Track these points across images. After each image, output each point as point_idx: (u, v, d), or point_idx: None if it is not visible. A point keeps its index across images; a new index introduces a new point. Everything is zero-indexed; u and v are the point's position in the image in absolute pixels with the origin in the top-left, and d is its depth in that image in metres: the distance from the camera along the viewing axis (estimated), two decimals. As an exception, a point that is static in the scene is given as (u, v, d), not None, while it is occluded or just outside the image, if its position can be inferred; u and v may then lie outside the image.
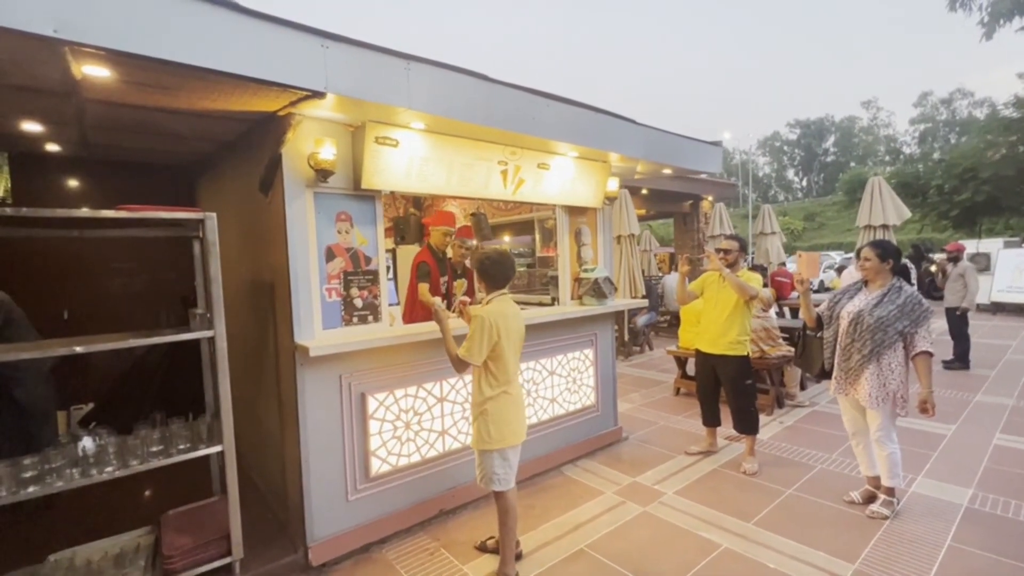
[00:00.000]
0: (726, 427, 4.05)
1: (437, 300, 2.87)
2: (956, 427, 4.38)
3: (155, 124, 2.79)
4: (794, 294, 7.93)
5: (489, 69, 2.69)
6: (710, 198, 12.17)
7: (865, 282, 3.07)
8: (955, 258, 6.50)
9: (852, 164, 52.37)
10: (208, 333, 2.40)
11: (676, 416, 5.01)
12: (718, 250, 3.75)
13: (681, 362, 5.87)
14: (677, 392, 5.81)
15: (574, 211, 4.00)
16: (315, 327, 2.66)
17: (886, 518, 2.93)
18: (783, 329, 5.53)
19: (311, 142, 2.57)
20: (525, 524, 3.03)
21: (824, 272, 17.96)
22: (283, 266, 2.61)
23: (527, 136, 2.97)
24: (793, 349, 5.32)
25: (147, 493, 3.40)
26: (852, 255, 13.34)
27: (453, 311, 3.72)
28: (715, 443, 4.06)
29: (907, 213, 7.07)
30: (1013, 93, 14.91)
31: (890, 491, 3.00)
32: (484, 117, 2.66)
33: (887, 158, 53.98)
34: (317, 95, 2.13)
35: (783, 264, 9.89)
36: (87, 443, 2.20)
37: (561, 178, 3.59)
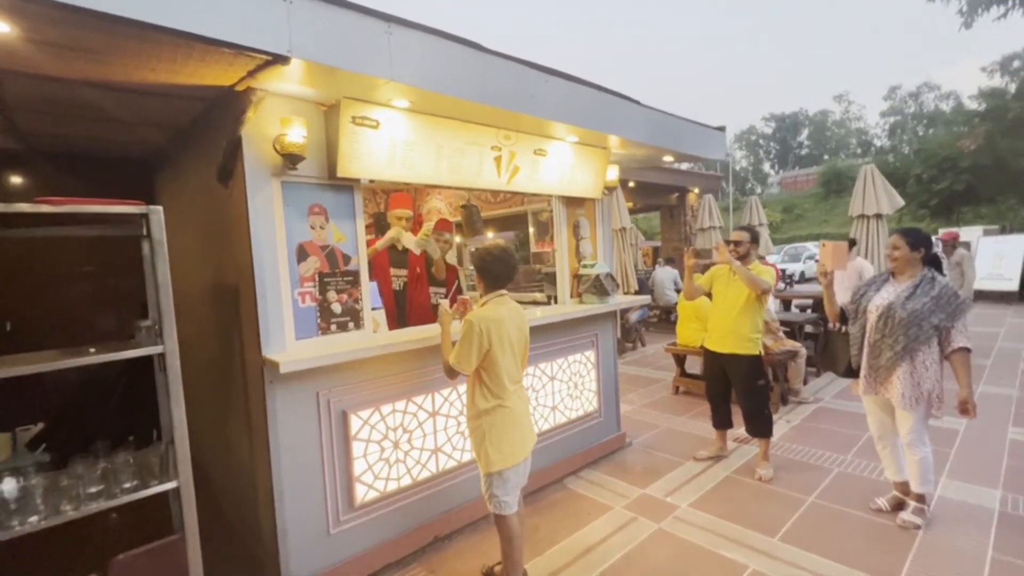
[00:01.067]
0: (733, 428, 3.82)
1: (444, 303, 2.53)
2: (967, 421, 4.23)
3: (89, 105, 2.38)
4: (780, 285, 7.80)
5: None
6: (696, 190, 12.04)
7: (892, 273, 2.83)
8: (952, 246, 6.41)
9: (826, 157, 53.46)
10: (156, 349, 2.02)
11: (679, 417, 4.77)
12: (728, 242, 3.50)
13: (680, 359, 5.63)
14: (676, 391, 5.58)
15: (572, 202, 3.69)
16: (286, 338, 2.30)
17: (918, 527, 2.71)
18: (783, 323, 5.34)
19: (276, 123, 2.21)
20: (530, 549, 2.72)
21: (804, 263, 18.18)
22: (247, 267, 2.25)
23: (525, 117, 2.64)
24: (795, 343, 5.14)
25: (92, 533, 2.99)
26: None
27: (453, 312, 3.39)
28: (725, 447, 3.82)
29: (900, 202, 6.96)
30: (977, 86, 15.17)
31: (921, 498, 2.78)
32: (478, 93, 2.32)
33: (859, 151, 55.26)
34: (280, 60, 1.77)
35: (762, 257, 9.80)
36: (6, 487, 1.81)
37: (559, 166, 3.28)
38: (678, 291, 8.99)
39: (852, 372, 2.92)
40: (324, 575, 2.38)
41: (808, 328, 6.10)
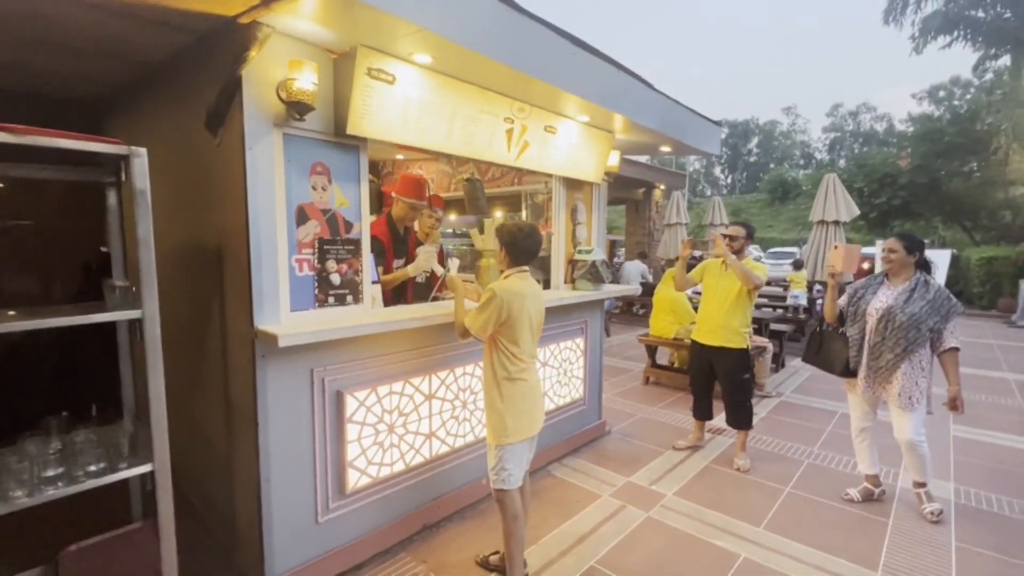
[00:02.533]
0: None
1: (453, 273, 2.43)
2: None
3: (40, 23, 2.01)
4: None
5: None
6: (662, 186, 12.27)
7: (886, 275, 2.93)
8: None
9: (771, 165, 56.26)
10: (133, 314, 1.75)
11: (652, 407, 4.84)
12: (724, 236, 3.52)
13: (651, 350, 5.72)
14: (647, 381, 5.67)
15: (571, 185, 3.59)
16: (281, 309, 2.07)
17: (942, 511, 2.87)
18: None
19: (282, 66, 1.96)
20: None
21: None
22: (239, 229, 1.99)
23: (545, 88, 2.50)
24: (763, 339, 5.34)
25: (34, 522, 2.64)
26: (800, 249, 14.16)
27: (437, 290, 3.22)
28: (702, 437, 3.90)
29: (856, 211, 7.37)
30: (908, 110, 16.36)
31: (923, 485, 2.95)
32: (509, 56, 2.15)
33: (801, 161, 58.57)
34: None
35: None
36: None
37: (566, 145, 3.17)
38: (643, 284, 9.16)
39: (849, 372, 2.99)
40: (310, 566, 2.20)
41: (773, 326, 6.37)
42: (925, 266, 2.87)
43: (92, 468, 1.73)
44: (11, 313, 1.65)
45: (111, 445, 1.86)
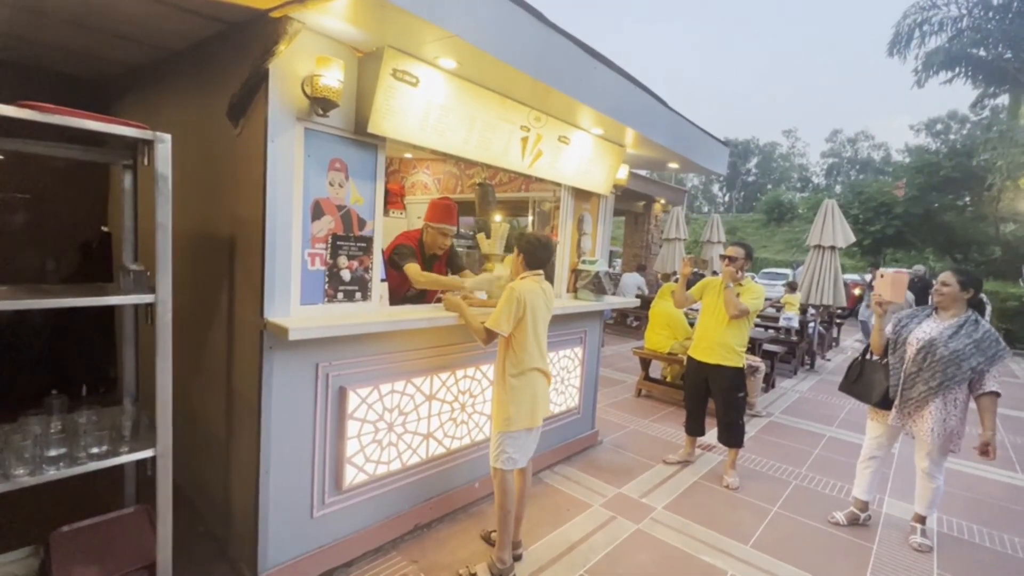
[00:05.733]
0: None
1: (448, 295, 2.60)
2: (899, 445, 4.61)
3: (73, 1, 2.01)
4: None
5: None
6: (663, 201, 12.37)
7: (936, 308, 2.88)
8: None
9: (769, 186, 56.86)
10: (146, 298, 1.75)
11: (644, 420, 4.88)
12: (723, 257, 3.58)
13: (645, 363, 5.76)
14: (639, 393, 5.71)
15: (580, 196, 3.63)
16: (291, 302, 2.08)
17: (931, 548, 2.90)
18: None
19: (309, 61, 1.98)
20: (514, 543, 2.67)
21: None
22: (255, 219, 2.00)
23: (564, 99, 2.53)
24: (756, 359, 5.40)
25: (25, 502, 2.61)
26: (794, 271, 14.36)
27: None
28: (693, 452, 3.94)
29: (852, 237, 7.47)
30: (905, 141, 16.72)
31: (923, 519, 2.98)
32: (533, 66, 2.18)
33: (799, 184, 59.24)
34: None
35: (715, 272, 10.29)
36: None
37: (579, 156, 3.20)
38: (639, 297, 9.22)
39: (887, 403, 2.92)
40: (301, 561, 2.20)
41: (765, 346, 6.44)
42: (979, 305, 2.80)
43: (95, 450, 1.73)
44: (8, 289, 1.65)
45: (112, 428, 1.86)
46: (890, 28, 16.46)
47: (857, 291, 10.09)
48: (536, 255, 2.39)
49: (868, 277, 11.51)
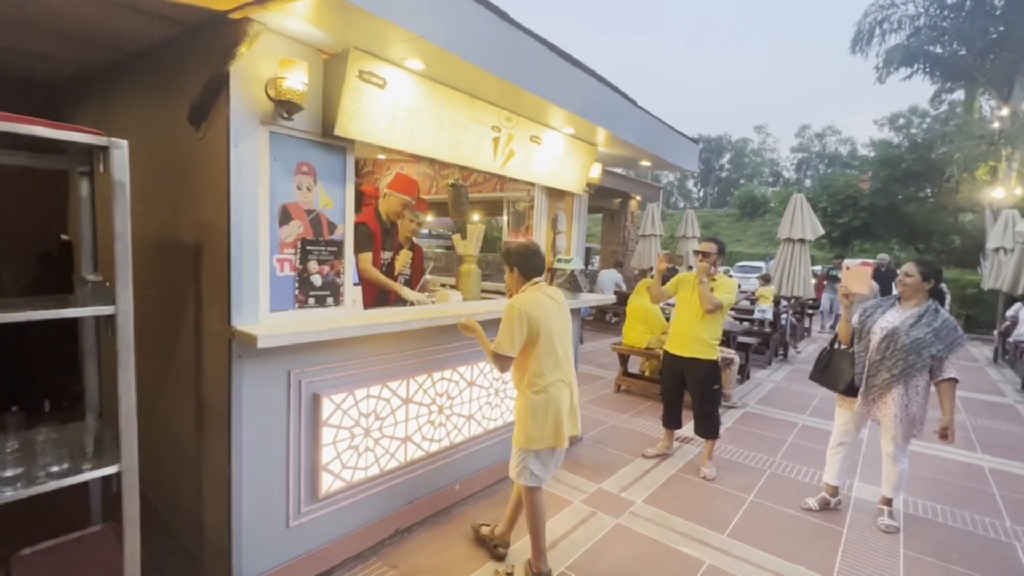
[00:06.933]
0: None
1: (464, 318, 2.49)
2: (866, 431, 4.77)
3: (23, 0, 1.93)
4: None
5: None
6: (638, 197, 12.51)
7: (899, 298, 2.98)
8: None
9: (742, 181, 58.11)
10: (106, 309, 1.69)
11: (623, 415, 4.93)
12: (696, 252, 3.64)
13: (623, 358, 5.83)
14: (618, 389, 5.77)
15: (554, 195, 3.65)
16: (260, 309, 2.04)
17: (897, 529, 2.99)
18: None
19: (272, 63, 1.94)
20: (496, 543, 2.68)
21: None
22: (220, 226, 1.96)
23: (533, 99, 2.54)
24: (730, 351, 5.51)
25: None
26: (767, 264, 14.75)
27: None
28: (671, 445, 4.01)
29: (820, 230, 7.69)
30: (869, 135, 17.35)
31: (889, 502, 3.08)
32: (500, 67, 2.18)
33: (770, 179, 60.69)
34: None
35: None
36: None
37: (551, 156, 3.22)
38: (617, 293, 9.32)
39: (852, 390, 3.03)
40: (279, 572, 2.16)
41: (740, 338, 6.58)
42: (939, 295, 2.91)
43: (54, 469, 1.66)
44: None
45: (74, 445, 1.80)
46: (852, 26, 17.02)
47: (812, 281, 10.46)
48: (530, 263, 2.34)
49: (819, 269, 11.85)
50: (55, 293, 1.98)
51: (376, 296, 3.33)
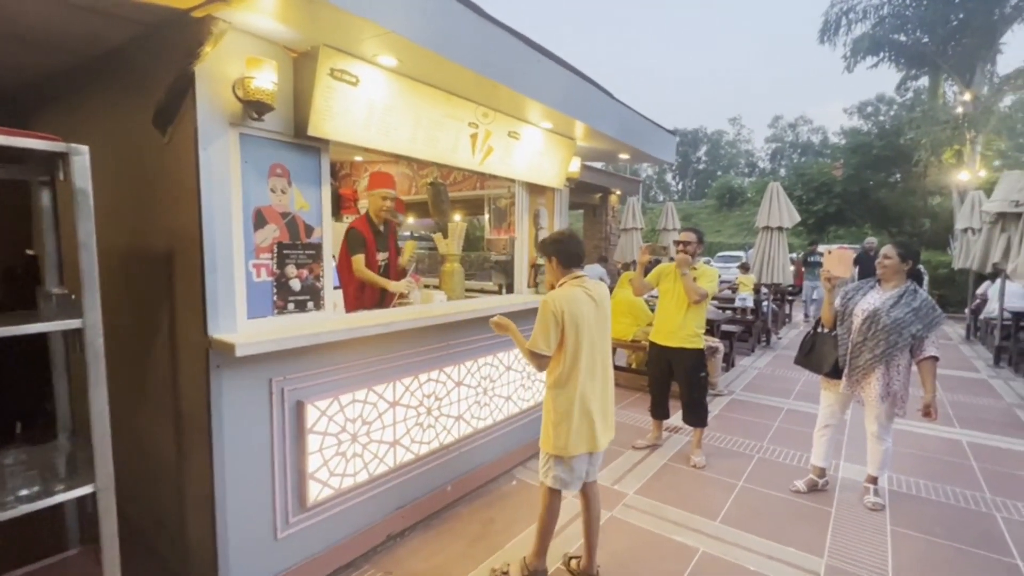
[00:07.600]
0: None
1: (496, 316, 2.36)
2: (850, 412, 4.87)
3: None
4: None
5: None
6: (619, 192, 12.59)
7: (879, 280, 3.04)
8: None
9: (719, 173, 58.90)
10: (73, 323, 1.62)
11: (612, 408, 4.94)
12: (676, 242, 3.66)
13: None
14: (606, 383, 5.78)
15: (534, 190, 3.63)
16: (237, 316, 1.98)
17: (883, 506, 3.04)
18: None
19: (239, 63, 1.88)
20: (490, 542, 2.66)
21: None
22: (192, 232, 1.89)
23: (510, 94, 2.52)
24: (715, 340, 5.57)
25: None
26: (747, 253, 14.99)
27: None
28: (660, 435, 4.03)
29: (797, 217, 7.82)
30: (840, 124, 17.75)
31: (875, 480, 3.13)
32: (475, 61, 2.15)
33: (746, 170, 61.66)
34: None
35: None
36: None
37: (529, 151, 3.20)
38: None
39: (836, 373, 3.08)
40: (268, 585, 2.11)
41: (723, 327, 6.66)
42: (917, 276, 2.98)
43: (24, 492, 1.59)
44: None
45: (45, 466, 1.72)
46: (820, 16, 17.37)
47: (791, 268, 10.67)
48: (568, 250, 2.20)
49: (794, 256, 12.07)
50: (20, 310, 1.89)
51: (377, 297, 3.29)
